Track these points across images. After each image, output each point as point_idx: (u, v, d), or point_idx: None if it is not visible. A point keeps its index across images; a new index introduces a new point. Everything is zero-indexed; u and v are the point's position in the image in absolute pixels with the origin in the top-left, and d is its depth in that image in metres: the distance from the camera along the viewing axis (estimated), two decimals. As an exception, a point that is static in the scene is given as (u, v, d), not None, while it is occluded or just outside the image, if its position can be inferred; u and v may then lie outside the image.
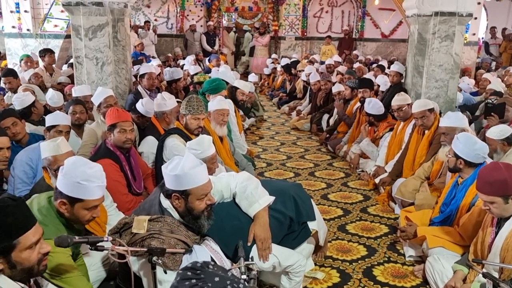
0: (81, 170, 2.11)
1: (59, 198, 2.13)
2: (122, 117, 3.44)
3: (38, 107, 4.48)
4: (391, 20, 13.50)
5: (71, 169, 2.11)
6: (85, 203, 2.13)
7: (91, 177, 2.13)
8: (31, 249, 1.64)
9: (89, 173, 2.12)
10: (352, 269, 3.22)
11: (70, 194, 2.11)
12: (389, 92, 6.12)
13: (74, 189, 2.10)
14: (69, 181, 2.09)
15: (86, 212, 2.16)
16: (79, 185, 2.09)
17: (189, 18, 13.67)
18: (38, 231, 1.67)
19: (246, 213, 2.61)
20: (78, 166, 2.13)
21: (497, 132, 3.70)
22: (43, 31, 8.94)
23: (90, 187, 2.12)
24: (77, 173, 2.10)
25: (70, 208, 2.14)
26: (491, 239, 2.58)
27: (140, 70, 5.73)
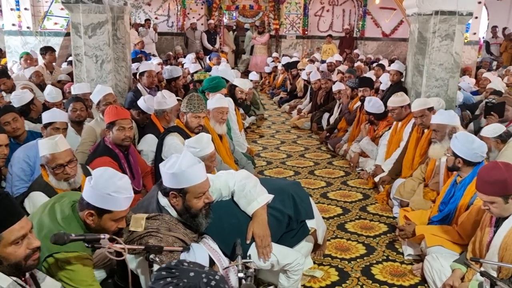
0: (111, 182, 2.08)
1: (86, 209, 2.10)
2: (121, 115, 3.43)
3: (37, 104, 4.48)
4: (392, 19, 13.50)
5: (101, 181, 2.07)
6: (114, 214, 2.11)
7: (121, 188, 2.09)
8: (16, 244, 1.60)
9: (119, 184, 2.09)
10: (351, 268, 3.22)
11: (99, 205, 2.07)
12: (389, 91, 6.10)
13: (103, 200, 2.06)
14: (99, 192, 2.05)
15: (113, 223, 2.14)
16: (109, 197, 2.06)
17: (190, 16, 13.66)
18: (25, 226, 1.63)
19: (245, 211, 2.61)
20: (108, 178, 2.09)
21: (490, 130, 3.71)
22: (43, 29, 8.95)
23: (120, 199, 2.09)
24: (107, 185, 2.06)
25: (97, 219, 2.11)
26: (489, 238, 2.58)
27: (140, 68, 5.72)
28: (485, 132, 3.75)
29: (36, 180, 2.87)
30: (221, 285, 1.41)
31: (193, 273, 1.40)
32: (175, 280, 1.37)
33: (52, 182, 2.75)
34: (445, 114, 3.79)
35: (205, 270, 1.44)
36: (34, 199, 2.73)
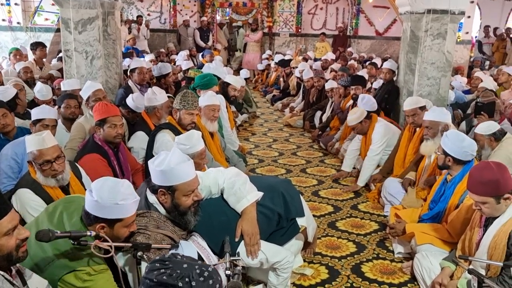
0: (115, 191, 2.02)
1: (96, 223, 2.04)
2: (112, 112, 3.39)
3: (22, 99, 4.42)
4: (385, 17, 13.52)
5: (105, 192, 2.01)
6: (125, 221, 2.07)
7: (127, 194, 2.04)
8: (8, 235, 1.61)
9: (124, 191, 2.04)
10: (341, 266, 3.22)
11: (109, 216, 2.03)
12: (382, 89, 6.12)
13: (112, 211, 2.02)
14: (106, 204, 2.00)
15: (125, 229, 2.10)
16: (117, 206, 2.01)
17: (183, 13, 13.58)
18: (15, 217, 1.63)
19: (234, 209, 2.59)
20: (111, 188, 2.03)
21: (484, 128, 3.72)
22: (34, 24, 8.86)
23: (127, 205, 2.04)
24: (113, 195, 2.01)
25: (109, 230, 2.06)
26: (479, 237, 2.58)
27: (131, 64, 5.68)
28: (479, 129, 3.76)
29: (23, 177, 2.83)
30: (213, 276, 1.45)
31: (186, 265, 1.43)
32: (168, 270, 1.40)
33: (39, 178, 2.71)
34: (438, 111, 3.80)
35: (198, 262, 1.47)
36: (21, 196, 2.69)
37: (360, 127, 4.70)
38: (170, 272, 1.38)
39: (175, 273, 1.38)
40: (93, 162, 3.25)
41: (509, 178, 2.41)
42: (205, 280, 1.42)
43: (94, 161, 3.26)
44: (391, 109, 5.79)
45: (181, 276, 1.38)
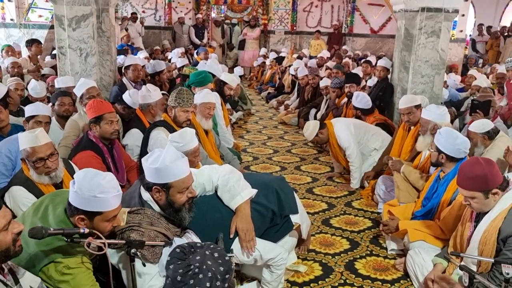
0: (95, 183, 1.99)
1: (76, 215, 2.02)
2: (107, 108, 3.40)
3: (13, 96, 4.39)
4: (380, 15, 13.55)
5: (85, 183, 1.98)
6: (105, 215, 2.03)
7: (107, 188, 2.01)
8: (5, 231, 1.62)
9: (104, 184, 2.01)
10: (335, 263, 3.24)
11: (88, 208, 2.00)
12: (376, 87, 6.13)
13: (91, 203, 1.99)
14: (84, 196, 1.97)
15: (107, 223, 2.07)
16: (96, 199, 1.98)
17: (178, 10, 13.54)
18: (6, 213, 1.64)
19: (228, 206, 2.60)
20: (91, 179, 2.00)
21: (478, 126, 3.74)
22: (27, 21, 8.79)
23: (107, 199, 2.01)
24: (92, 187, 1.98)
25: (89, 222, 2.03)
26: (470, 232, 2.60)
27: (125, 61, 5.66)
28: (473, 127, 3.77)
29: (17, 175, 2.82)
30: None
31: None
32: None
33: (33, 176, 2.70)
34: (432, 110, 3.78)
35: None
36: (14, 194, 2.69)
37: (320, 139, 4.58)
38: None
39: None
40: (87, 159, 3.24)
41: (497, 173, 2.44)
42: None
43: (88, 158, 3.25)
44: (385, 107, 5.81)
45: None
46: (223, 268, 1.51)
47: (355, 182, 4.63)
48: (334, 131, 4.54)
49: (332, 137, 4.56)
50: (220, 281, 1.49)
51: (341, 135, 4.51)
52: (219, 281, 1.49)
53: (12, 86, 4.94)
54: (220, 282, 1.49)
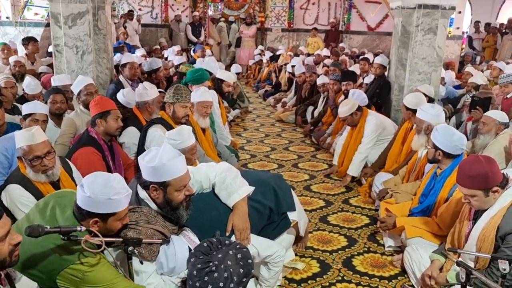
0: (108, 186, 2.02)
1: (89, 218, 2.04)
2: (113, 105, 3.45)
3: (6, 94, 4.36)
4: (377, 13, 13.54)
5: (97, 188, 2.00)
6: (118, 215, 2.07)
7: (119, 189, 2.04)
8: (1, 242, 1.60)
9: (116, 186, 2.04)
10: (332, 259, 3.24)
11: (102, 211, 2.02)
12: (373, 84, 6.14)
13: (105, 205, 2.02)
14: (99, 199, 2.00)
15: (119, 222, 2.11)
16: (110, 201, 2.01)
17: (174, 8, 13.50)
18: (6, 223, 1.61)
19: (225, 203, 2.60)
20: (103, 183, 2.02)
21: (500, 115, 3.78)
22: (23, 19, 8.75)
23: (120, 199, 2.05)
24: (106, 190, 2.01)
25: (102, 224, 2.07)
26: (468, 229, 2.61)
27: (122, 59, 5.64)
28: (493, 114, 3.82)
29: (13, 173, 2.81)
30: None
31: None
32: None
33: (29, 174, 2.69)
34: (427, 111, 3.74)
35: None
36: (11, 192, 2.68)
37: (351, 119, 4.70)
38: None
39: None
40: (88, 155, 3.24)
41: (497, 171, 2.44)
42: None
43: (89, 154, 3.25)
44: (382, 104, 5.82)
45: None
46: (243, 270, 1.51)
47: (353, 170, 4.66)
48: (367, 118, 4.69)
49: (362, 122, 4.69)
50: (235, 283, 1.49)
51: (370, 124, 4.65)
52: (234, 283, 1.49)
53: (2, 84, 4.90)
54: (234, 284, 1.49)
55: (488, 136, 3.77)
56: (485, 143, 3.77)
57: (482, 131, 3.84)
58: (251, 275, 1.59)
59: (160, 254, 2.27)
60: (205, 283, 1.48)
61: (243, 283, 1.52)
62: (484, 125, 3.81)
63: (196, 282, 1.50)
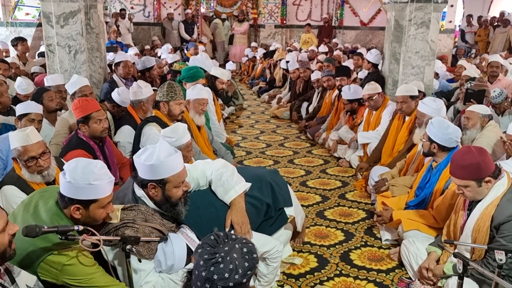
0: (88, 171, 2.02)
1: (71, 205, 2.04)
2: (95, 107, 3.34)
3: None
4: (369, 8, 13.54)
5: (78, 173, 2.01)
6: (100, 202, 2.07)
7: (100, 175, 2.05)
8: (3, 232, 1.62)
9: (97, 171, 2.04)
10: (330, 254, 3.25)
11: (83, 197, 2.03)
12: (367, 78, 6.15)
13: (86, 191, 2.02)
14: (79, 185, 2.00)
15: (102, 210, 2.10)
16: (90, 186, 2.02)
17: (167, 6, 13.44)
18: (3, 215, 1.64)
19: (222, 200, 2.60)
20: (84, 168, 2.03)
21: (482, 108, 3.78)
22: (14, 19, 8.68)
23: (102, 185, 2.05)
24: (86, 175, 2.01)
25: (85, 211, 2.07)
26: (463, 221, 2.63)
27: (116, 58, 5.61)
28: (475, 108, 3.82)
29: (8, 174, 2.79)
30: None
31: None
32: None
33: (25, 175, 2.67)
34: (428, 104, 3.78)
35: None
36: (6, 193, 2.66)
37: (376, 100, 4.76)
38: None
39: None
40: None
41: (489, 161, 2.46)
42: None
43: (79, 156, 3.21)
44: (377, 99, 5.83)
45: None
46: (248, 264, 1.56)
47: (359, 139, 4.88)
48: (389, 104, 4.77)
49: (382, 108, 4.78)
50: (240, 275, 1.54)
51: (387, 112, 4.72)
52: (239, 275, 1.54)
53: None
54: (239, 276, 1.54)
55: (474, 130, 3.79)
56: (472, 137, 3.79)
57: (468, 126, 3.84)
58: (255, 269, 1.61)
59: (158, 252, 2.27)
60: (211, 273, 1.52)
61: (248, 275, 1.56)
62: (469, 120, 3.81)
63: (202, 272, 1.54)
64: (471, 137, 3.79)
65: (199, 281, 1.57)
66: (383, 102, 4.80)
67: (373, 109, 4.82)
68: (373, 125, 4.83)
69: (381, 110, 4.78)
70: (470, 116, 3.80)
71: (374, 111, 4.86)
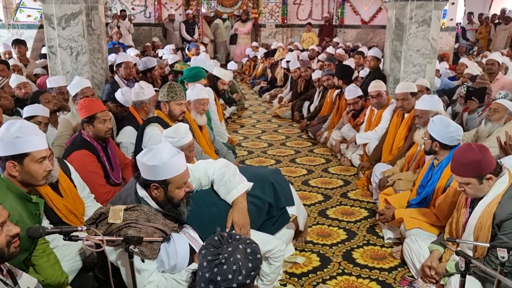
0: (16, 127, 2.18)
1: (5, 162, 2.16)
2: (100, 107, 3.38)
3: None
4: (370, 6, 13.52)
5: (6, 130, 2.17)
6: (32, 156, 2.19)
7: (27, 128, 2.20)
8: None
9: (24, 126, 2.20)
10: (332, 253, 3.26)
11: (14, 152, 2.16)
12: (368, 77, 6.14)
13: (16, 146, 2.15)
14: (8, 140, 2.15)
15: (38, 165, 2.21)
16: (19, 139, 2.15)
17: (168, 7, 13.45)
18: (3, 213, 1.66)
19: (225, 200, 2.61)
20: (10, 125, 2.19)
21: (510, 103, 3.74)
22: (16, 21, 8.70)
23: (31, 139, 2.18)
24: (13, 131, 2.17)
25: (19, 166, 2.18)
26: (465, 219, 2.63)
27: (117, 59, 5.62)
28: (505, 102, 3.79)
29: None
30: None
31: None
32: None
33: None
34: (428, 100, 3.78)
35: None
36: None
37: (380, 99, 4.75)
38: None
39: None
40: (82, 159, 3.23)
41: (490, 158, 2.46)
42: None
43: (82, 157, 3.24)
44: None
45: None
46: (251, 265, 1.57)
47: (361, 137, 4.89)
48: (389, 104, 4.78)
49: (385, 106, 4.78)
50: (243, 276, 1.55)
51: (388, 112, 4.73)
52: (242, 276, 1.54)
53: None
54: (242, 277, 1.54)
55: (497, 124, 3.76)
56: (492, 130, 3.75)
57: (492, 118, 3.80)
58: (259, 270, 1.62)
59: (161, 252, 2.28)
60: (214, 274, 1.53)
61: (251, 276, 1.57)
62: (495, 112, 3.77)
63: (206, 273, 1.55)
64: (491, 129, 3.75)
65: (203, 282, 1.57)
66: (387, 100, 4.80)
67: (379, 107, 4.81)
68: (374, 124, 4.83)
69: (383, 109, 4.78)
70: (498, 109, 3.75)
71: (377, 110, 4.86)
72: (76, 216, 2.84)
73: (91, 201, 3.08)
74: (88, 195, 3.08)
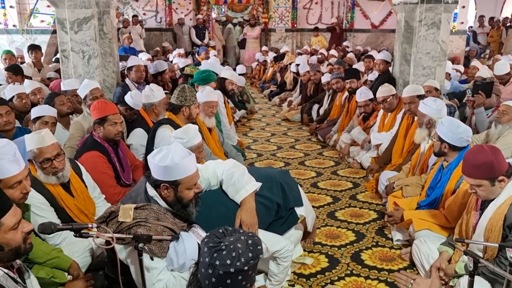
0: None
1: None
2: (112, 110, 3.42)
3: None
4: (380, 10, 13.50)
5: None
6: (4, 182, 2.10)
7: (1, 154, 2.08)
8: (14, 230, 1.67)
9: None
10: (341, 254, 3.25)
11: None
12: (378, 80, 6.14)
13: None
14: None
15: (12, 190, 2.12)
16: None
17: (178, 12, 13.58)
18: (17, 212, 1.69)
19: (233, 199, 2.63)
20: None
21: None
22: (30, 26, 8.87)
23: (1, 165, 2.08)
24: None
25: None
26: (475, 220, 2.61)
27: (128, 62, 5.70)
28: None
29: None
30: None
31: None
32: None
33: (40, 176, 2.74)
34: (429, 104, 3.74)
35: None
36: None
37: (391, 102, 4.73)
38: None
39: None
40: (93, 159, 3.28)
41: (502, 160, 2.44)
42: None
43: (93, 158, 3.29)
44: (388, 100, 5.81)
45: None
46: (251, 254, 1.62)
47: (376, 137, 4.87)
48: (403, 107, 4.71)
49: (398, 109, 4.75)
50: (242, 263, 1.58)
51: (402, 114, 4.68)
52: (241, 263, 1.57)
53: None
54: (241, 263, 1.58)
55: (507, 126, 3.73)
56: (502, 132, 3.72)
57: (502, 120, 3.77)
58: (258, 259, 1.64)
59: (170, 251, 2.30)
60: (213, 258, 1.57)
61: (250, 264, 1.60)
62: (504, 114, 3.75)
63: (205, 258, 1.59)
64: (502, 132, 3.73)
65: (203, 267, 1.61)
66: (398, 104, 4.76)
67: (388, 111, 4.80)
68: (387, 127, 4.80)
69: (396, 111, 4.75)
70: (507, 111, 3.74)
71: (389, 113, 4.84)
72: (87, 216, 2.88)
73: (102, 202, 3.12)
74: (99, 196, 3.12)
